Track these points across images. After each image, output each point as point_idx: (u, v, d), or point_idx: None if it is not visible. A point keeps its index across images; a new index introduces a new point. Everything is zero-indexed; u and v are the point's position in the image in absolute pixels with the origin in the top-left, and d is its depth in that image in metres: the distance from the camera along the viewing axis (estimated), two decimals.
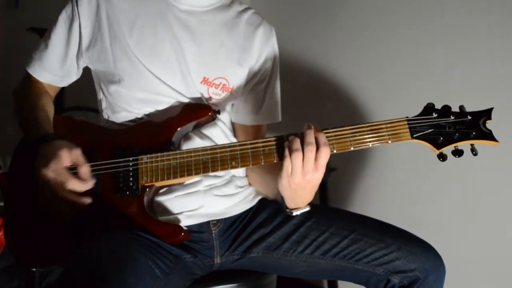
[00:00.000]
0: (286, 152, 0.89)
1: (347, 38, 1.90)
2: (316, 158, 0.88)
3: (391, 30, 1.74)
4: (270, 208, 1.12)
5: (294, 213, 0.99)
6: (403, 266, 0.98)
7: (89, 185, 0.94)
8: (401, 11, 1.71)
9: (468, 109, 0.93)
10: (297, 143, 0.89)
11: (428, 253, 0.99)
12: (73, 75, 1.14)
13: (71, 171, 0.94)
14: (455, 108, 0.93)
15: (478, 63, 1.49)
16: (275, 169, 0.96)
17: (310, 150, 0.87)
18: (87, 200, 0.94)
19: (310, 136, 0.89)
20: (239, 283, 1.09)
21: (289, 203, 0.98)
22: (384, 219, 1.08)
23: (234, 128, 1.23)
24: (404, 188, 1.72)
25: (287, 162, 0.89)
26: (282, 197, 0.98)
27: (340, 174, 1.83)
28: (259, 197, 1.16)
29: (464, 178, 1.53)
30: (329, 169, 1.76)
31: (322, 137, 0.89)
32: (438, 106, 0.93)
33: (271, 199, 1.16)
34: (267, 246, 1.07)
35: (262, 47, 1.16)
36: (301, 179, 0.89)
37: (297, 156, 0.88)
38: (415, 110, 0.94)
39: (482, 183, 1.51)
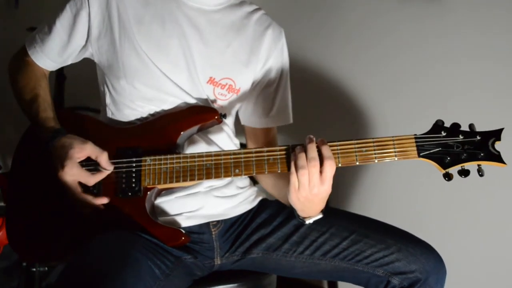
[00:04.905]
0: (292, 168, 0.89)
1: (347, 38, 1.89)
2: (321, 172, 0.88)
3: (392, 30, 1.73)
4: (271, 209, 1.12)
5: (307, 222, 0.98)
6: (403, 267, 0.97)
7: (108, 170, 0.97)
8: (401, 11, 1.70)
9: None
10: (302, 159, 0.88)
11: (428, 254, 0.99)
12: (69, 62, 1.13)
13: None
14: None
15: (481, 62, 1.49)
16: (287, 175, 0.95)
17: (314, 166, 0.87)
18: (104, 200, 0.97)
19: (312, 150, 0.88)
20: (239, 283, 1.09)
21: (300, 213, 0.98)
22: (384, 219, 1.07)
23: (244, 130, 1.22)
24: (404, 188, 1.72)
25: (293, 179, 0.89)
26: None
27: (340, 174, 1.82)
28: (260, 198, 1.16)
29: (465, 178, 1.52)
30: None
31: (326, 150, 0.89)
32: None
33: (272, 200, 1.15)
34: (267, 247, 1.07)
35: (271, 49, 1.15)
36: (308, 193, 0.89)
37: (303, 173, 0.87)
38: (415, 110, 0.94)
39: (482, 183, 1.50)
